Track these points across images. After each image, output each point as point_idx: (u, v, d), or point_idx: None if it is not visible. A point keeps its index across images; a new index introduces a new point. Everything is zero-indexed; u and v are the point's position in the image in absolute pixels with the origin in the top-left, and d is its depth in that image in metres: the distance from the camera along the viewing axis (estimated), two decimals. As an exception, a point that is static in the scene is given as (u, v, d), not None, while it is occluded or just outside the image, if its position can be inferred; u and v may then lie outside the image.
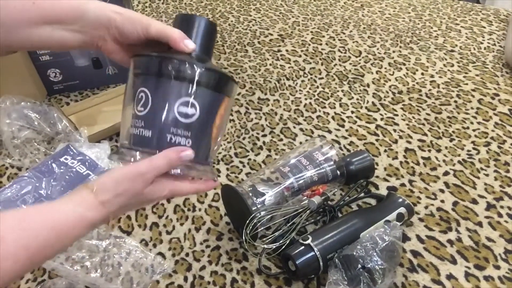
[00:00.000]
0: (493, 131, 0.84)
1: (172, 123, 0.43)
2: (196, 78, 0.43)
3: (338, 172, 0.69)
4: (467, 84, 0.97)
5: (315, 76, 1.04)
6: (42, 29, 0.47)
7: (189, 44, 0.45)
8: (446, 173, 0.76)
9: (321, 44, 1.16)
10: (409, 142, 0.83)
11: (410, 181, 0.75)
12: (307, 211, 0.64)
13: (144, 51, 0.48)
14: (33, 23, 0.46)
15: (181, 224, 0.70)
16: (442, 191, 0.73)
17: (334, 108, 0.93)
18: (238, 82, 0.48)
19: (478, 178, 0.74)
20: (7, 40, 0.47)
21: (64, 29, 0.47)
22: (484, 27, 1.18)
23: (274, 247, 0.62)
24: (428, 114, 0.89)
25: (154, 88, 0.44)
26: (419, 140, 0.83)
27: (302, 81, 1.03)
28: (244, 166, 0.81)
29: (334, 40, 1.17)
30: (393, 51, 1.11)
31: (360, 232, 0.60)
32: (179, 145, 0.44)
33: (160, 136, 0.44)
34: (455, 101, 0.92)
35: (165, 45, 0.46)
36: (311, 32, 1.22)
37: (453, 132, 0.84)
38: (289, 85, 1.01)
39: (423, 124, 0.87)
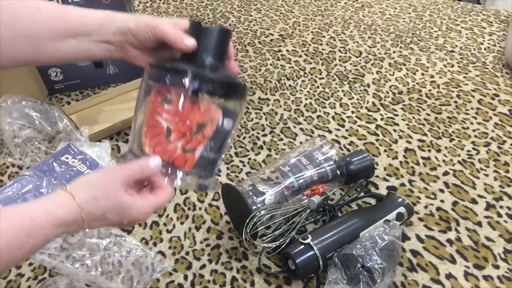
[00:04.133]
0: (493, 131, 0.84)
1: None
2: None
3: (338, 172, 0.69)
4: (467, 84, 0.97)
5: (316, 76, 1.04)
6: (68, 42, 0.47)
7: (188, 42, 0.46)
8: (445, 173, 0.76)
9: (321, 44, 1.16)
10: (409, 142, 0.83)
11: (410, 181, 0.75)
12: (307, 211, 0.64)
13: (161, 57, 0.50)
14: (60, 37, 0.47)
15: (181, 223, 0.71)
16: (441, 191, 0.73)
17: (335, 108, 0.94)
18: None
19: (478, 178, 0.75)
20: (35, 54, 0.47)
21: (89, 40, 0.48)
22: (485, 28, 1.19)
23: (274, 246, 0.62)
24: (428, 114, 0.90)
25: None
26: (419, 140, 0.83)
27: (303, 81, 1.03)
28: (244, 165, 0.81)
29: (334, 40, 1.17)
30: (394, 52, 1.11)
31: (360, 232, 0.60)
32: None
33: None
34: (455, 102, 0.92)
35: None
36: (312, 32, 1.22)
37: (453, 132, 0.84)
38: (290, 85, 1.02)
39: (423, 124, 0.87)
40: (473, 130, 0.84)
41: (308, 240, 0.58)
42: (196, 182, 0.48)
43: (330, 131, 0.87)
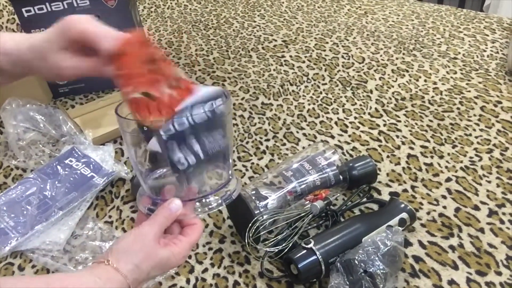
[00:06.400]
0: (495, 138, 0.84)
1: None
2: None
3: (341, 177, 0.70)
4: (469, 91, 0.97)
5: (319, 82, 1.04)
6: None
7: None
8: (448, 179, 0.76)
9: (324, 50, 1.16)
10: (412, 148, 0.83)
11: (413, 187, 0.75)
12: (310, 215, 0.64)
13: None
14: None
15: (184, 227, 0.71)
16: (444, 197, 0.73)
17: (337, 113, 0.94)
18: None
19: (480, 184, 0.75)
20: None
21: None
22: (487, 35, 1.19)
23: (276, 250, 0.62)
24: (431, 121, 0.90)
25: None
26: (422, 146, 0.83)
27: (306, 86, 1.03)
28: (247, 170, 0.81)
29: (337, 46, 1.18)
30: (396, 58, 1.11)
31: (362, 237, 0.60)
32: None
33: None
34: (458, 108, 0.93)
35: None
36: (315, 38, 1.23)
37: (456, 138, 0.85)
38: (293, 91, 1.02)
39: (426, 131, 0.87)
40: (476, 137, 0.85)
41: (311, 245, 0.58)
42: (220, 197, 0.48)
43: (332, 137, 0.88)
